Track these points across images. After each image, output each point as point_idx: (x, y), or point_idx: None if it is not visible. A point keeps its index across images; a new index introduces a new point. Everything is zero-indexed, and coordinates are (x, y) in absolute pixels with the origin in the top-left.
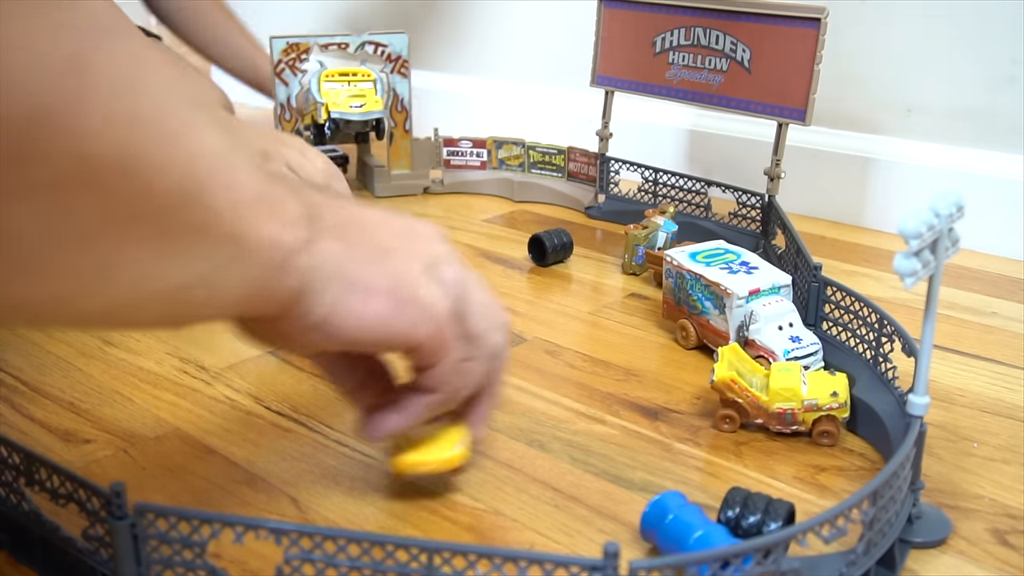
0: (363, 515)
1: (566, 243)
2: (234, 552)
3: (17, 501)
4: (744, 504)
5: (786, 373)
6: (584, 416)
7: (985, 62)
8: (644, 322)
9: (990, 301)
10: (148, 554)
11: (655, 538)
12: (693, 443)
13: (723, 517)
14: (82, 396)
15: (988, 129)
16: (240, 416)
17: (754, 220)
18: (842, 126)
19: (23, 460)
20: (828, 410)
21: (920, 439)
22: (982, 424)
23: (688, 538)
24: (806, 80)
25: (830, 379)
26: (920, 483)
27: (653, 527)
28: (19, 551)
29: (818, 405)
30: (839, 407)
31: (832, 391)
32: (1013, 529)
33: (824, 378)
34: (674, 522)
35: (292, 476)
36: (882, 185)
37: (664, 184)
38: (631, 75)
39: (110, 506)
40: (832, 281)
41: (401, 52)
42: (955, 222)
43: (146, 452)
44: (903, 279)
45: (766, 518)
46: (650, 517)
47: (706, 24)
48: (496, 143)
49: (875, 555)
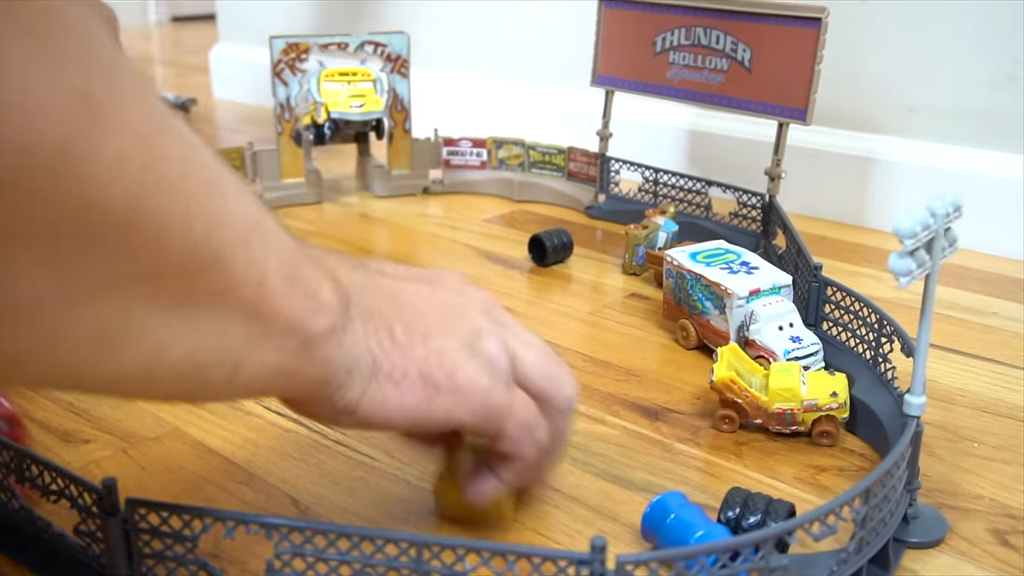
0: (362, 515)
1: (566, 243)
2: (234, 552)
3: (7, 498)
4: (744, 504)
5: (785, 373)
6: (584, 416)
7: (985, 62)
8: (644, 322)
9: (990, 301)
10: (140, 549)
11: (656, 538)
12: (693, 443)
13: (723, 517)
14: (81, 396)
15: (988, 129)
16: (241, 416)
17: (754, 220)
18: (843, 126)
19: (13, 457)
20: (828, 410)
21: (916, 439)
22: (982, 424)
23: (689, 538)
24: (807, 80)
25: (829, 379)
26: (917, 483)
27: (654, 527)
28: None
29: (818, 405)
30: (839, 407)
31: (832, 391)
32: (1013, 529)
33: (823, 378)
34: (675, 522)
35: (292, 476)
36: (883, 185)
37: (664, 184)
38: (631, 75)
39: (101, 501)
40: (832, 281)
41: (401, 52)
42: (952, 222)
43: (146, 452)
44: (897, 278)
45: (766, 518)
46: (651, 517)
47: (707, 24)
48: (496, 143)
49: (867, 554)
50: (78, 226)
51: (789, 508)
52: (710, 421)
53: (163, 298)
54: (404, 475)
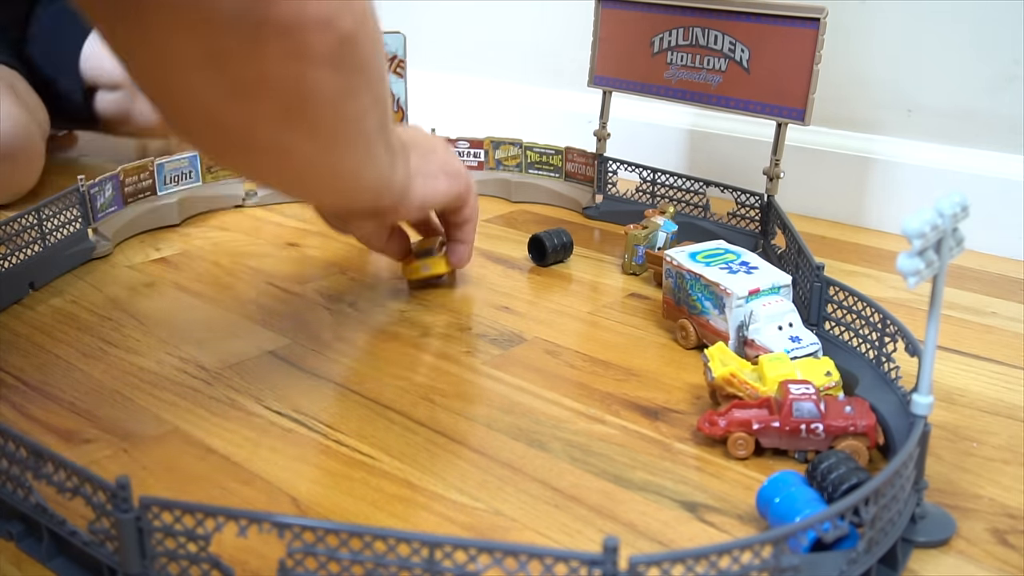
0: (363, 515)
1: (566, 243)
2: (234, 552)
3: (24, 495)
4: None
5: (778, 362)
6: (584, 416)
7: (985, 62)
8: (644, 322)
9: (990, 301)
10: (153, 547)
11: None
12: (693, 443)
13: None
14: (82, 396)
15: (988, 129)
16: (240, 416)
17: (753, 220)
18: (842, 126)
19: (31, 454)
20: (826, 390)
21: (924, 439)
22: (982, 424)
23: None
24: (805, 80)
25: (817, 362)
26: (924, 482)
27: (765, 506)
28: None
29: (816, 387)
30: (835, 386)
31: (825, 371)
32: (1013, 529)
33: (812, 362)
34: (782, 502)
35: (292, 476)
36: (882, 185)
37: (662, 184)
38: (629, 75)
39: (115, 500)
40: (835, 281)
41: (397, 52)
42: (960, 222)
43: (146, 452)
44: (906, 279)
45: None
46: (763, 497)
47: (705, 24)
48: (493, 143)
49: (877, 554)
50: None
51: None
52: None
53: (385, 136)
54: (404, 475)
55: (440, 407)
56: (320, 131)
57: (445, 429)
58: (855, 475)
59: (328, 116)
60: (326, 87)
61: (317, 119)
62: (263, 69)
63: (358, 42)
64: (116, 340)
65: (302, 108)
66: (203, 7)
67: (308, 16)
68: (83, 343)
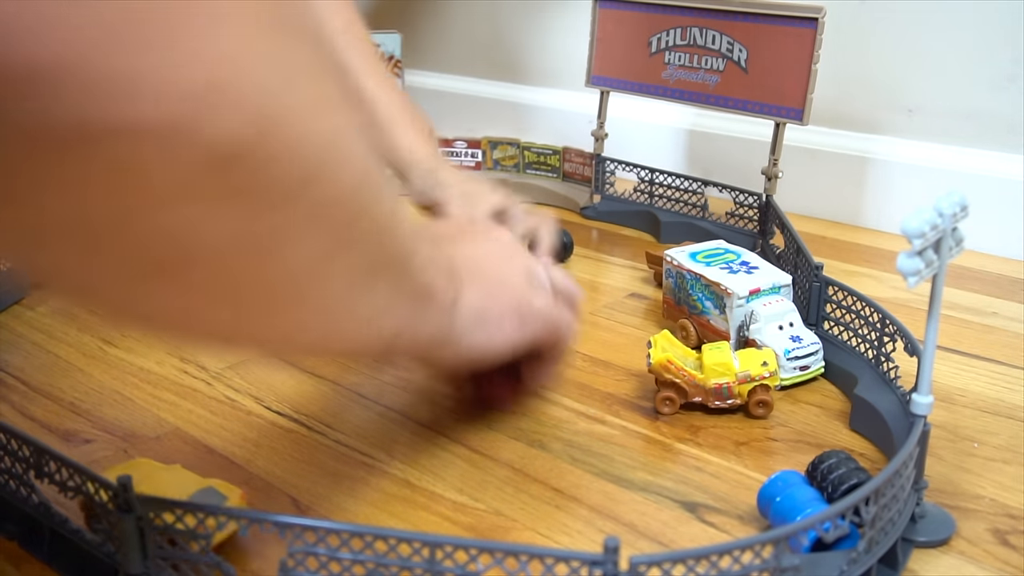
0: (363, 515)
1: (567, 244)
2: (234, 552)
3: (27, 494)
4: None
5: (717, 351)
6: (584, 416)
7: (985, 62)
8: (644, 322)
9: (990, 301)
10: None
11: (768, 516)
12: (693, 443)
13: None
14: (82, 396)
15: (988, 129)
16: (240, 416)
17: (751, 220)
18: (841, 126)
19: (33, 453)
20: (761, 379)
21: (924, 438)
22: (982, 424)
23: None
24: (803, 80)
25: (758, 352)
26: (924, 482)
27: (766, 505)
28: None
29: (751, 376)
30: (771, 375)
31: (762, 361)
32: (1013, 529)
33: (753, 352)
34: (782, 502)
35: (292, 476)
36: (881, 185)
37: (660, 184)
38: (627, 75)
39: (117, 499)
40: (834, 281)
41: (394, 52)
42: (959, 221)
43: (146, 452)
44: (906, 278)
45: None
46: (763, 497)
47: (702, 24)
48: (491, 143)
49: (877, 553)
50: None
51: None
52: (711, 421)
53: (387, 282)
54: (404, 475)
55: (440, 407)
56: (227, 293)
57: (445, 429)
58: (855, 475)
59: (236, 272)
60: (213, 231)
61: (214, 278)
62: (83, 203)
63: (274, 158)
64: (116, 340)
65: (181, 263)
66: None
67: (145, 120)
68: (83, 343)
